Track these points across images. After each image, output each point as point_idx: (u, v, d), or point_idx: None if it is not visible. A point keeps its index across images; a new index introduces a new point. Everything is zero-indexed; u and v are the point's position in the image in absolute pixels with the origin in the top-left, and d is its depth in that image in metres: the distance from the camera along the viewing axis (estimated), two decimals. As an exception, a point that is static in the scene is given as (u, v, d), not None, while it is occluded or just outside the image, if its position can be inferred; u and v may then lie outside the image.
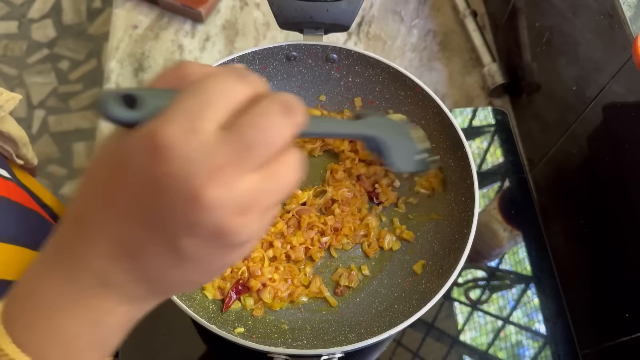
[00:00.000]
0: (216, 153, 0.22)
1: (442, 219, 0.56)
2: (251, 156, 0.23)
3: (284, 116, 0.23)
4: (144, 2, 0.81)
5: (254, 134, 0.23)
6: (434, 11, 0.82)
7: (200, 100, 0.22)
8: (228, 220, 0.23)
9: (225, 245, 0.24)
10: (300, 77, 0.61)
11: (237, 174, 0.22)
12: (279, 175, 0.24)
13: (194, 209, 0.22)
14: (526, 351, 0.57)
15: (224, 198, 0.22)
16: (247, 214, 0.23)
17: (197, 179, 0.22)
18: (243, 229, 0.23)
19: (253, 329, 0.52)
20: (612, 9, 0.49)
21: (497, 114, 0.71)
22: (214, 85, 0.23)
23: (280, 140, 0.24)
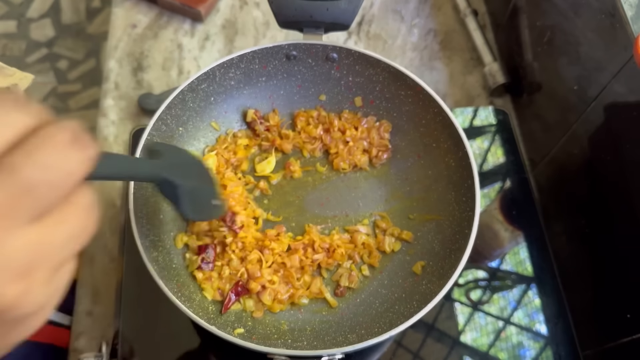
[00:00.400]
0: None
1: (443, 219, 0.56)
2: (28, 203, 0.18)
3: (72, 148, 0.19)
4: (143, 2, 0.81)
5: (32, 172, 0.17)
6: (434, 10, 0.81)
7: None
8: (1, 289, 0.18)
9: (4, 322, 0.19)
10: (300, 77, 0.61)
11: (9, 227, 0.17)
12: (69, 222, 0.19)
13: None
14: (527, 352, 0.57)
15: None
16: (27, 277, 0.18)
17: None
18: (24, 298, 0.18)
19: (253, 330, 0.52)
20: (613, 9, 0.49)
21: (498, 114, 0.70)
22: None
23: (68, 179, 0.19)
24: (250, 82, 0.60)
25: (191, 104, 0.57)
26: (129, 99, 0.74)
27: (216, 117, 0.60)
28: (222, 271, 0.54)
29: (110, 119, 0.73)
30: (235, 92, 0.60)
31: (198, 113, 0.58)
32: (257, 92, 0.61)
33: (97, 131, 0.72)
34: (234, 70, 0.58)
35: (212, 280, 0.53)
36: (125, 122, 0.72)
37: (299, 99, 0.63)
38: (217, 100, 0.59)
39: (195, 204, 0.42)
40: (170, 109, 0.54)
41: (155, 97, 0.72)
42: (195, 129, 0.59)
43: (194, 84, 0.56)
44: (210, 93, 0.58)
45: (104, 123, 0.72)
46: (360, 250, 0.57)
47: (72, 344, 0.59)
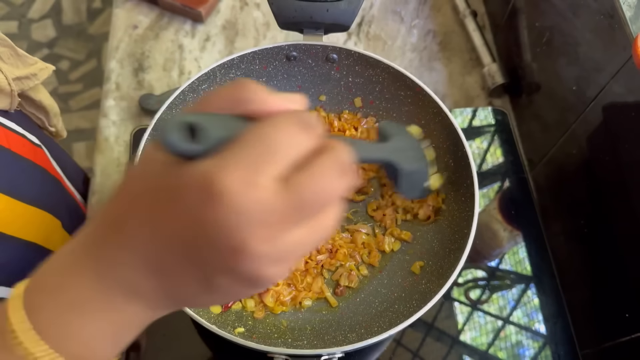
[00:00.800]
0: (269, 210, 0.22)
1: (442, 219, 0.56)
2: (303, 213, 0.23)
3: (340, 178, 0.23)
4: (144, 2, 0.81)
5: (310, 194, 0.22)
6: (434, 11, 0.82)
7: (262, 151, 0.22)
8: (264, 270, 0.23)
9: (255, 287, 0.25)
10: (300, 77, 0.61)
11: (285, 229, 0.23)
12: (321, 229, 0.24)
13: (235, 258, 0.22)
14: (526, 351, 0.57)
15: (266, 252, 0.22)
16: (283, 264, 0.24)
17: (244, 232, 0.22)
18: (275, 277, 0.24)
19: (253, 329, 0.52)
20: (612, 9, 0.49)
21: (497, 114, 0.71)
22: (277, 135, 0.22)
23: (333, 200, 0.24)
24: (251, 82, 0.60)
25: (192, 104, 0.57)
26: (129, 99, 0.74)
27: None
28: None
29: (111, 119, 0.73)
30: (236, 93, 0.60)
31: (199, 113, 0.59)
32: (258, 92, 0.61)
33: (98, 131, 0.72)
34: (234, 70, 0.58)
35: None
36: (126, 123, 0.72)
37: (299, 99, 0.63)
38: (218, 100, 0.60)
39: (411, 185, 0.46)
40: (171, 109, 0.55)
41: (156, 98, 0.72)
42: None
43: (194, 85, 0.56)
44: (210, 93, 0.58)
45: (105, 123, 0.72)
46: (361, 250, 0.57)
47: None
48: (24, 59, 0.51)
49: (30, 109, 0.55)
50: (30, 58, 0.52)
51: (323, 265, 0.56)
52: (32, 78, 0.51)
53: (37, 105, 0.55)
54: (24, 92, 0.52)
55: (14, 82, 0.49)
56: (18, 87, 0.50)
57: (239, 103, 0.24)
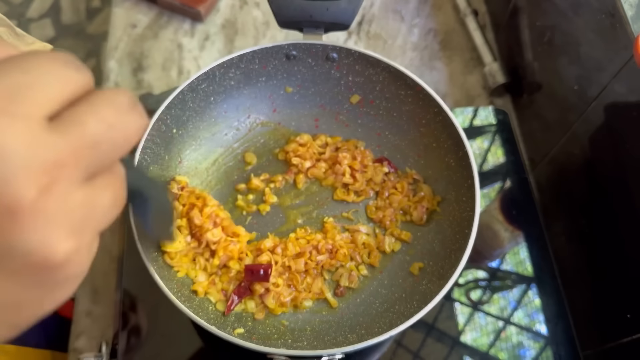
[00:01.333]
0: (45, 148, 0.16)
1: (443, 219, 0.56)
2: (90, 157, 0.17)
3: (132, 112, 0.19)
4: (143, 1, 0.81)
5: (98, 127, 0.17)
6: (434, 10, 0.81)
7: (22, 80, 0.17)
8: (56, 244, 0.17)
9: (48, 283, 0.18)
10: (300, 77, 0.61)
11: (71, 179, 0.17)
12: (111, 190, 0.19)
13: (11, 225, 0.16)
14: (527, 352, 0.57)
15: (53, 210, 0.17)
16: (79, 235, 0.18)
17: (17, 181, 0.16)
18: (73, 257, 0.18)
19: (253, 330, 0.51)
20: (613, 8, 0.49)
21: (498, 114, 0.70)
22: (40, 65, 0.17)
23: (126, 142, 0.19)
24: (250, 82, 0.60)
25: (191, 104, 0.57)
26: (128, 99, 0.74)
27: (216, 117, 0.60)
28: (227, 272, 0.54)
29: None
30: (235, 92, 0.60)
31: (198, 113, 0.58)
32: (257, 92, 0.61)
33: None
34: (233, 70, 0.58)
35: (216, 282, 0.53)
36: (125, 122, 0.72)
37: (298, 98, 0.63)
38: (217, 100, 0.59)
39: (158, 223, 0.42)
40: (170, 109, 0.54)
41: (155, 97, 0.72)
42: (195, 129, 0.59)
43: (193, 84, 0.55)
44: (210, 93, 0.58)
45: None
46: (361, 251, 0.57)
47: (72, 344, 0.59)
48: (23, 38, 0.51)
49: None
50: (28, 37, 0.52)
51: (323, 266, 0.56)
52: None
53: None
54: None
55: None
56: None
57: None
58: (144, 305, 0.57)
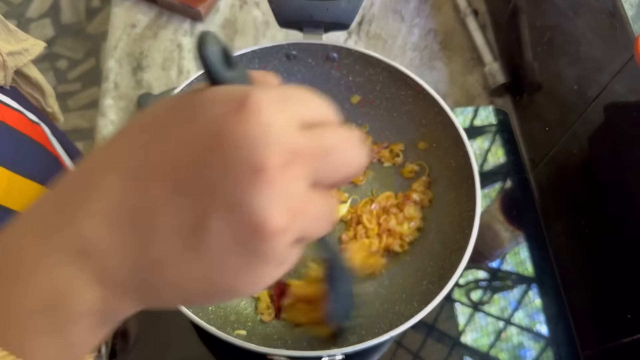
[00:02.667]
0: (296, 138, 0.20)
1: (443, 220, 0.56)
2: (324, 162, 0.21)
3: (360, 146, 0.23)
4: (142, 1, 0.81)
5: (336, 142, 0.22)
6: (434, 10, 0.81)
7: (294, 95, 0.22)
8: (274, 214, 0.19)
9: (251, 249, 0.20)
10: (300, 76, 0.61)
11: (304, 170, 0.20)
12: (325, 205, 0.22)
13: (247, 182, 0.19)
14: (528, 352, 0.57)
15: (283, 187, 0.19)
16: (293, 219, 0.20)
17: (269, 151, 0.19)
18: (277, 238, 0.20)
19: (253, 331, 0.51)
20: (613, 8, 0.49)
21: (499, 114, 0.70)
22: (307, 92, 0.22)
23: (353, 166, 0.22)
24: (250, 82, 0.60)
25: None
26: (128, 98, 0.74)
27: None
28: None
29: (109, 118, 0.72)
30: (235, 92, 0.60)
31: (198, 113, 0.58)
32: (257, 92, 0.61)
33: (97, 131, 0.72)
34: (233, 70, 0.58)
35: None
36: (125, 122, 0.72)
37: (298, 98, 0.63)
38: (217, 100, 0.59)
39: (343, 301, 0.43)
40: (170, 108, 0.54)
41: (154, 97, 0.72)
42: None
43: (193, 84, 0.55)
44: (210, 93, 0.58)
45: (103, 123, 0.72)
46: None
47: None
48: (15, 34, 0.51)
49: (27, 88, 0.55)
50: (21, 33, 0.52)
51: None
52: (25, 53, 0.52)
53: (32, 84, 0.55)
54: (19, 68, 0.52)
55: (8, 57, 0.49)
56: (12, 63, 0.50)
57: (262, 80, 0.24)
58: (143, 306, 0.57)
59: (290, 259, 0.22)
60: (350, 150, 0.22)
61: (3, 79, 0.50)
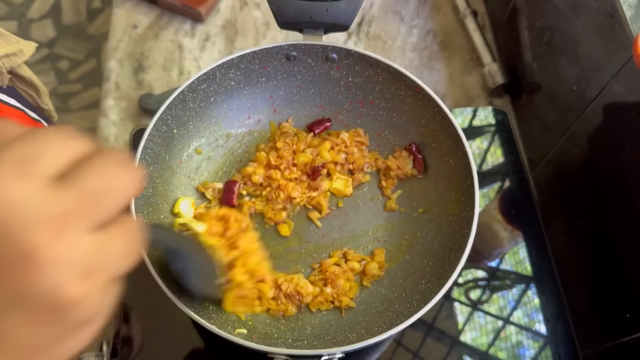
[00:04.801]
0: (54, 201, 0.19)
1: (442, 219, 0.56)
2: (95, 206, 0.20)
3: (125, 167, 0.21)
4: (143, 2, 0.81)
5: (97, 180, 0.20)
6: (434, 11, 0.82)
7: (32, 149, 0.20)
8: (68, 286, 0.19)
9: (63, 324, 0.20)
10: (300, 77, 0.61)
11: (79, 227, 0.19)
12: (123, 239, 0.21)
13: (25, 270, 0.18)
14: (526, 351, 0.57)
15: (63, 255, 0.19)
16: (89, 279, 0.20)
17: (30, 231, 0.18)
18: (85, 300, 0.20)
19: (253, 329, 0.52)
20: (612, 9, 0.49)
21: (498, 114, 0.71)
22: (46, 137, 0.20)
23: (125, 191, 0.21)
24: (250, 82, 0.60)
25: (191, 104, 0.57)
26: (129, 99, 0.74)
27: (216, 118, 0.61)
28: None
29: (110, 119, 0.73)
30: (236, 93, 0.60)
31: (198, 113, 0.59)
32: (257, 92, 0.61)
33: (98, 131, 0.72)
34: (234, 70, 0.58)
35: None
36: (126, 123, 0.72)
37: (298, 99, 0.63)
38: (217, 100, 0.59)
39: (200, 280, 0.45)
40: (171, 109, 0.55)
41: (155, 98, 0.72)
42: (196, 129, 0.59)
43: (194, 85, 0.56)
44: (210, 93, 0.58)
45: (105, 123, 0.72)
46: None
47: (73, 343, 0.59)
48: (7, 37, 0.52)
49: (22, 86, 0.56)
50: (12, 37, 0.53)
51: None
52: (19, 54, 0.52)
53: (27, 83, 0.56)
54: (14, 69, 0.52)
55: (2, 59, 0.50)
56: (7, 65, 0.50)
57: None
58: (145, 305, 0.57)
59: (107, 305, 0.22)
60: (116, 179, 0.21)
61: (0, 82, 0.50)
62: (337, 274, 0.55)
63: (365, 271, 0.56)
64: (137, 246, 0.22)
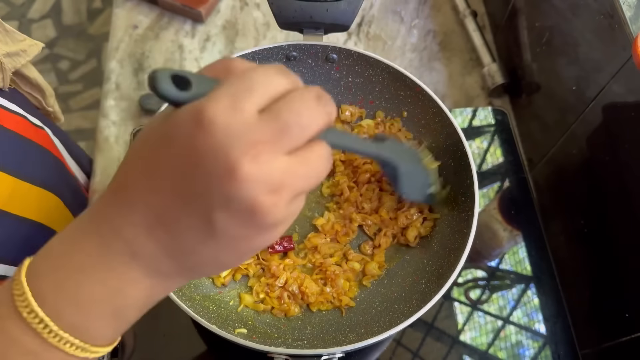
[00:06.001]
0: (254, 130, 0.23)
1: (442, 219, 0.56)
2: (286, 137, 0.24)
3: (317, 103, 0.25)
4: (144, 2, 0.81)
5: (290, 116, 0.24)
6: (434, 11, 0.82)
7: (243, 86, 0.24)
8: (260, 197, 0.24)
9: (255, 225, 0.25)
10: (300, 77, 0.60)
11: (272, 152, 0.24)
12: (309, 162, 0.25)
13: (229, 182, 0.23)
14: (526, 351, 0.57)
15: (258, 174, 0.23)
16: (277, 194, 0.24)
17: (235, 153, 0.23)
18: (273, 209, 0.24)
19: (253, 329, 0.52)
20: (612, 9, 0.49)
21: (497, 114, 0.71)
22: (256, 75, 0.25)
23: (313, 125, 0.25)
24: (251, 82, 0.60)
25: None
26: (130, 99, 0.74)
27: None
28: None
29: (111, 119, 0.73)
30: (236, 93, 0.60)
31: (199, 113, 0.59)
32: (258, 92, 0.61)
33: (98, 132, 0.72)
34: (234, 70, 0.58)
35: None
36: (127, 123, 0.72)
37: (299, 99, 0.63)
38: (218, 100, 0.59)
39: (411, 185, 0.48)
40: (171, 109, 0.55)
41: (156, 98, 0.72)
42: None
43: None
44: (210, 93, 0.58)
45: (105, 124, 0.72)
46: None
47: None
48: (13, 35, 0.51)
49: (26, 87, 0.55)
50: (19, 34, 0.52)
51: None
52: (23, 54, 0.52)
53: (32, 84, 0.55)
54: (18, 69, 0.52)
55: (5, 58, 0.49)
56: (10, 65, 0.50)
57: (226, 70, 0.26)
58: (145, 305, 0.57)
59: (292, 214, 0.26)
60: (307, 115, 0.25)
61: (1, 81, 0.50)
62: (338, 274, 0.55)
63: (365, 271, 0.56)
64: (321, 168, 0.26)
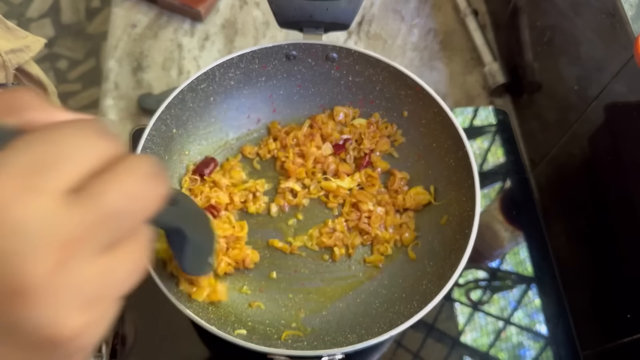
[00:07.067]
0: (62, 224, 0.16)
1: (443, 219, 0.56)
2: (106, 231, 0.18)
3: (153, 181, 0.19)
4: (142, 1, 0.81)
5: (117, 199, 0.17)
6: (434, 10, 0.81)
7: (47, 156, 0.17)
8: (65, 320, 0.17)
9: (53, 356, 0.18)
10: (300, 77, 0.61)
11: (84, 253, 0.17)
12: (131, 259, 0.19)
13: (18, 302, 0.16)
14: (527, 352, 0.57)
15: (64, 287, 0.16)
16: (90, 309, 0.18)
17: (30, 261, 0.16)
18: (84, 332, 0.17)
19: (253, 330, 0.51)
20: (613, 8, 0.49)
21: (498, 114, 0.70)
22: (66, 138, 0.17)
23: (145, 211, 0.19)
24: (250, 82, 0.60)
25: (191, 104, 0.57)
26: (128, 99, 0.74)
27: (216, 117, 0.60)
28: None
29: (110, 119, 0.73)
30: (235, 92, 0.60)
31: (198, 113, 0.58)
32: (257, 92, 0.61)
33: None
34: (233, 70, 0.58)
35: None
36: (125, 122, 0.72)
37: (298, 98, 0.63)
38: (217, 100, 0.59)
39: (194, 258, 0.43)
40: (170, 109, 0.54)
41: (155, 97, 0.72)
42: (195, 129, 0.59)
43: (193, 84, 0.55)
44: (210, 93, 0.58)
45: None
46: None
47: (72, 344, 0.59)
48: (15, 32, 0.51)
49: (29, 84, 0.55)
50: (21, 31, 0.52)
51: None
52: (26, 50, 0.51)
53: (35, 81, 0.55)
54: (20, 66, 0.51)
55: (8, 55, 0.49)
56: (14, 61, 0.50)
57: (12, 110, 0.19)
58: (144, 306, 0.57)
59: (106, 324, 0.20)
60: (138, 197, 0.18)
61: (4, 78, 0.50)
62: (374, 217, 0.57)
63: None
64: (146, 258, 0.20)
